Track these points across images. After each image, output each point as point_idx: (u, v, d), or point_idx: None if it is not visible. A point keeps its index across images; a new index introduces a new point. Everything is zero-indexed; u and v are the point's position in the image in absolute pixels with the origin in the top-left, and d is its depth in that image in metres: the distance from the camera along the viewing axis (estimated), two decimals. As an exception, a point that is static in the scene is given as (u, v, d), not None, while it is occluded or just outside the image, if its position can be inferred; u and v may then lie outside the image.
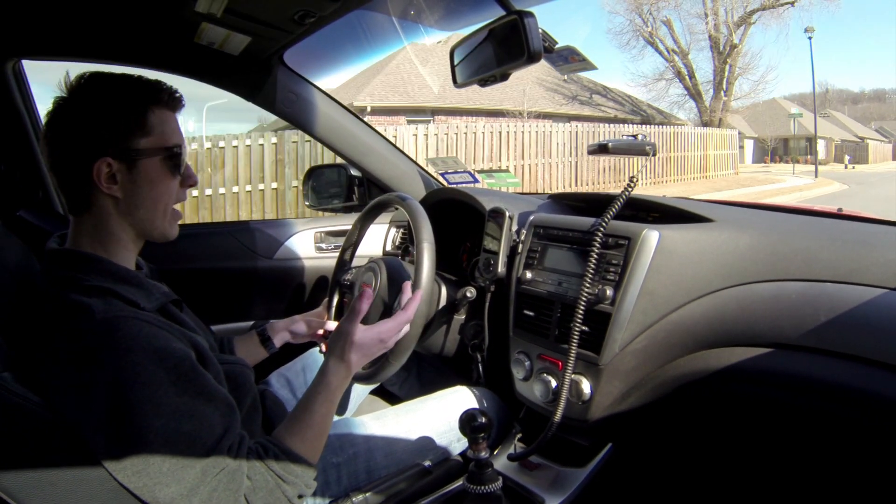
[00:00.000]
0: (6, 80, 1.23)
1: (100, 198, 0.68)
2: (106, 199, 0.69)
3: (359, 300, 0.80)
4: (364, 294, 0.80)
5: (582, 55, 0.97)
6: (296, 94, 1.39)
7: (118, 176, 0.68)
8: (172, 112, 0.72)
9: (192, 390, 0.62)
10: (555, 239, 0.98)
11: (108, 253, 0.70)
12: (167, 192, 0.72)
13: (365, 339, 0.79)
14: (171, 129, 0.72)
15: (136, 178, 0.69)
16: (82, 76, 0.68)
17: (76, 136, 0.67)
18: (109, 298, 0.63)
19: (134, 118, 0.68)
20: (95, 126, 0.67)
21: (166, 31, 1.17)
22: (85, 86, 0.68)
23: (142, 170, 0.69)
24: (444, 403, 1.02)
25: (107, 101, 0.68)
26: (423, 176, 1.59)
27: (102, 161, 0.67)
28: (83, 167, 0.67)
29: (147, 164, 0.69)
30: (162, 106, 0.71)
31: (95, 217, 0.69)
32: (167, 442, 0.59)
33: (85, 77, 0.68)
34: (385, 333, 0.81)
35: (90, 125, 0.67)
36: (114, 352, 0.58)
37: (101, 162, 0.67)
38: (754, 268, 0.80)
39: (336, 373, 0.76)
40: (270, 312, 1.48)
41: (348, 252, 1.20)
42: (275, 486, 0.65)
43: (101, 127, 0.67)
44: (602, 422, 0.88)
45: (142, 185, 0.69)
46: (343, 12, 1.01)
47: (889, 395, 0.66)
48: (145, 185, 0.70)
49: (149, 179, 0.70)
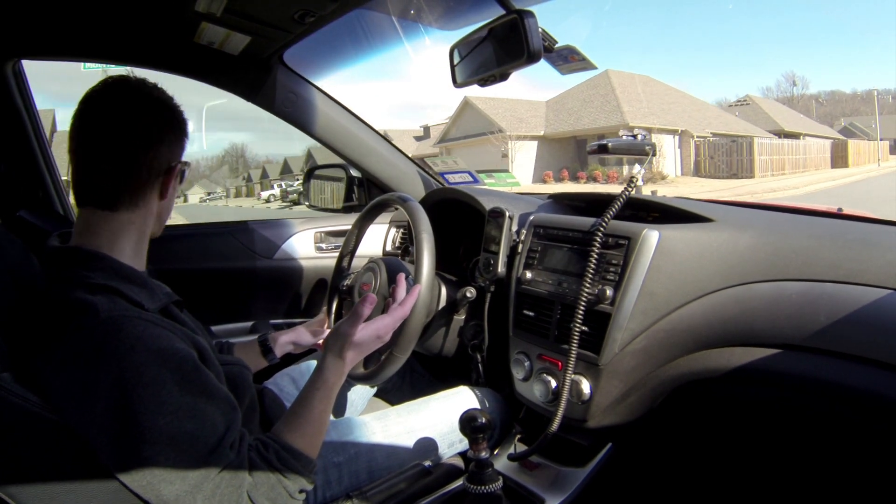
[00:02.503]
0: (6, 80, 1.23)
1: (152, 199, 0.72)
2: (156, 201, 0.73)
3: (361, 304, 0.80)
4: (367, 298, 0.80)
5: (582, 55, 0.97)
6: (296, 94, 1.39)
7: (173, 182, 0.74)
8: None
9: (195, 390, 0.62)
10: (555, 239, 0.98)
11: (122, 252, 0.70)
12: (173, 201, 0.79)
13: (362, 336, 0.79)
14: (180, 147, 0.77)
15: (176, 187, 0.76)
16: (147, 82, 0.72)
17: (159, 138, 0.71)
18: (114, 297, 0.63)
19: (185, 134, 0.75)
20: (177, 134, 0.73)
21: (166, 31, 1.17)
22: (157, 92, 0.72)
23: (177, 181, 0.76)
24: (446, 404, 1.02)
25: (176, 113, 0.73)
26: (422, 176, 1.59)
27: (182, 163, 0.74)
28: (156, 168, 0.71)
29: (171, 177, 0.74)
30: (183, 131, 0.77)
31: (138, 216, 0.71)
32: (171, 441, 0.59)
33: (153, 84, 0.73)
34: (382, 329, 0.82)
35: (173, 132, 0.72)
36: (117, 351, 0.59)
37: (181, 164, 0.74)
38: (754, 268, 0.80)
39: (333, 370, 0.76)
40: (270, 312, 1.48)
41: (346, 259, 1.20)
42: (276, 482, 0.65)
43: (180, 135, 0.73)
44: (602, 422, 0.88)
45: (172, 196, 0.76)
46: (343, 12, 1.01)
47: (889, 396, 0.66)
48: (173, 195, 0.76)
49: (175, 190, 0.76)
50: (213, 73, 1.32)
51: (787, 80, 51.39)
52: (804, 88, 48.99)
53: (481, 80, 0.93)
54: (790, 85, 49.91)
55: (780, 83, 54.41)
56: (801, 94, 47.53)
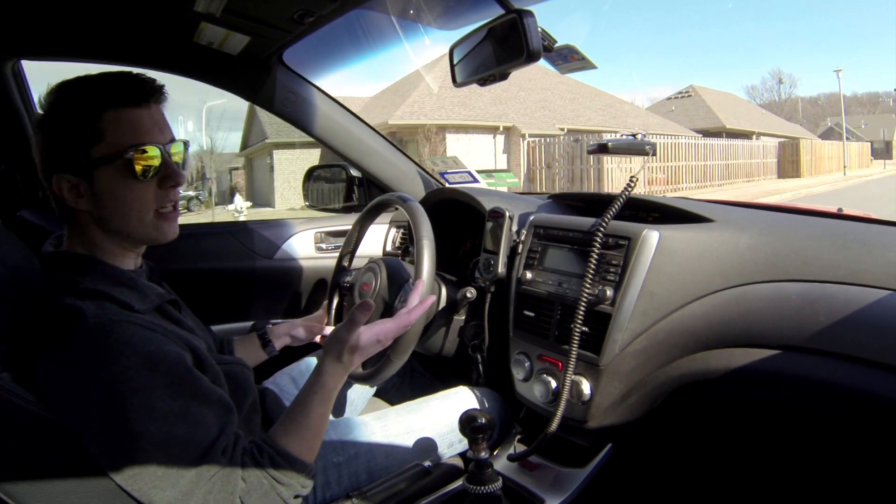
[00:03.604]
0: (5, 80, 1.23)
1: (74, 212, 0.68)
2: (79, 212, 0.67)
3: (358, 311, 0.78)
4: (364, 305, 0.79)
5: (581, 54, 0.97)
6: (295, 94, 1.39)
7: (81, 189, 0.66)
8: (136, 108, 0.66)
9: (186, 393, 0.61)
10: (555, 239, 0.98)
11: (104, 254, 0.70)
12: (138, 198, 0.67)
13: (362, 339, 0.77)
14: (128, 129, 0.65)
15: (97, 190, 0.66)
16: (51, 88, 0.66)
17: (42, 154, 0.67)
18: (102, 301, 0.63)
19: (85, 127, 0.64)
20: (52, 142, 0.66)
21: (165, 31, 1.17)
22: (50, 99, 0.66)
23: (99, 180, 0.65)
24: (446, 404, 1.02)
25: (61, 113, 0.66)
26: (422, 176, 1.59)
27: (61, 178, 0.65)
28: (49, 184, 0.67)
29: (103, 173, 0.65)
30: (119, 106, 0.65)
31: (79, 227, 0.69)
32: (162, 446, 0.58)
33: (52, 89, 0.66)
34: (383, 334, 0.80)
35: (49, 142, 0.66)
36: (106, 357, 0.58)
37: (59, 179, 0.65)
38: (754, 268, 0.80)
39: (332, 373, 0.75)
40: (270, 313, 1.48)
41: (346, 258, 1.20)
42: (269, 489, 0.65)
43: (56, 142, 0.65)
44: (602, 422, 0.88)
45: (104, 197, 0.66)
46: (342, 11, 1.01)
47: (889, 397, 0.66)
48: (107, 196, 0.66)
49: (108, 190, 0.66)
50: (212, 73, 1.32)
51: (774, 78, 49.28)
52: (792, 87, 47.21)
53: (481, 79, 0.92)
54: (776, 83, 47.85)
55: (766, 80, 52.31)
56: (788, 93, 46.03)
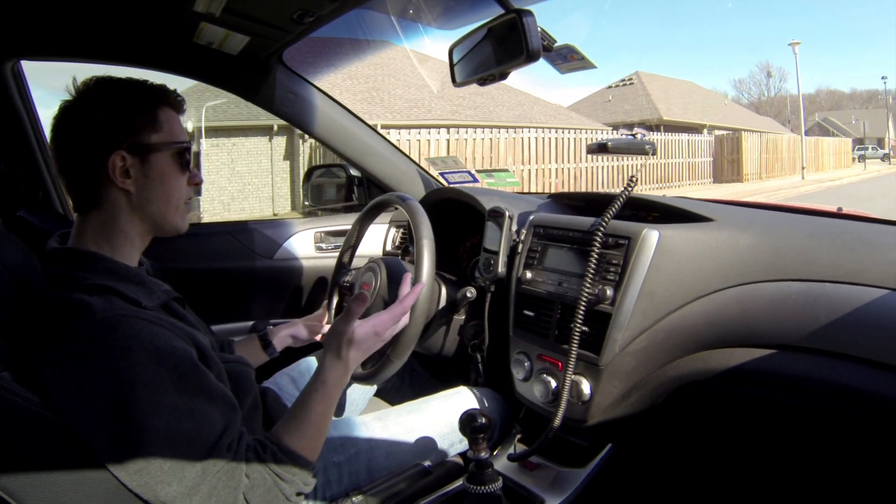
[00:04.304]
0: (5, 80, 1.22)
1: (112, 193, 0.70)
2: (119, 193, 0.70)
3: (354, 301, 0.79)
4: (359, 296, 0.80)
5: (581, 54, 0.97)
6: (295, 94, 1.39)
7: (131, 170, 0.70)
8: (177, 113, 0.75)
9: (193, 389, 0.62)
10: (555, 239, 0.98)
11: (113, 250, 0.71)
12: (178, 188, 0.75)
13: (360, 333, 0.78)
14: (178, 128, 0.75)
15: (148, 172, 0.71)
16: (90, 80, 0.71)
17: (89, 134, 0.69)
18: (110, 297, 0.63)
19: (145, 114, 0.71)
20: (108, 123, 0.69)
21: (165, 31, 1.17)
22: (95, 88, 0.70)
23: (154, 164, 0.71)
24: (446, 404, 1.02)
25: (117, 99, 0.70)
26: (422, 176, 1.59)
27: (117, 154, 0.69)
28: (97, 163, 0.69)
29: (158, 158, 0.72)
30: (169, 106, 0.74)
31: (106, 213, 0.71)
32: (168, 441, 0.59)
33: (93, 80, 0.71)
34: (379, 326, 0.80)
35: (103, 123, 0.69)
36: (114, 352, 0.59)
37: (115, 156, 0.69)
38: (754, 268, 0.80)
39: (333, 370, 0.76)
40: (270, 312, 1.48)
41: (347, 255, 1.20)
42: (273, 485, 0.65)
43: (113, 123, 0.69)
44: (602, 422, 0.88)
45: (154, 179, 0.72)
46: (342, 11, 1.01)
47: (889, 396, 0.66)
48: (157, 180, 0.72)
49: (160, 174, 0.72)
50: (212, 73, 1.32)
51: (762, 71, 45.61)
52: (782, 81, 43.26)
53: (481, 79, 0.92)
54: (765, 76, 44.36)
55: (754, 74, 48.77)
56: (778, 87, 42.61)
